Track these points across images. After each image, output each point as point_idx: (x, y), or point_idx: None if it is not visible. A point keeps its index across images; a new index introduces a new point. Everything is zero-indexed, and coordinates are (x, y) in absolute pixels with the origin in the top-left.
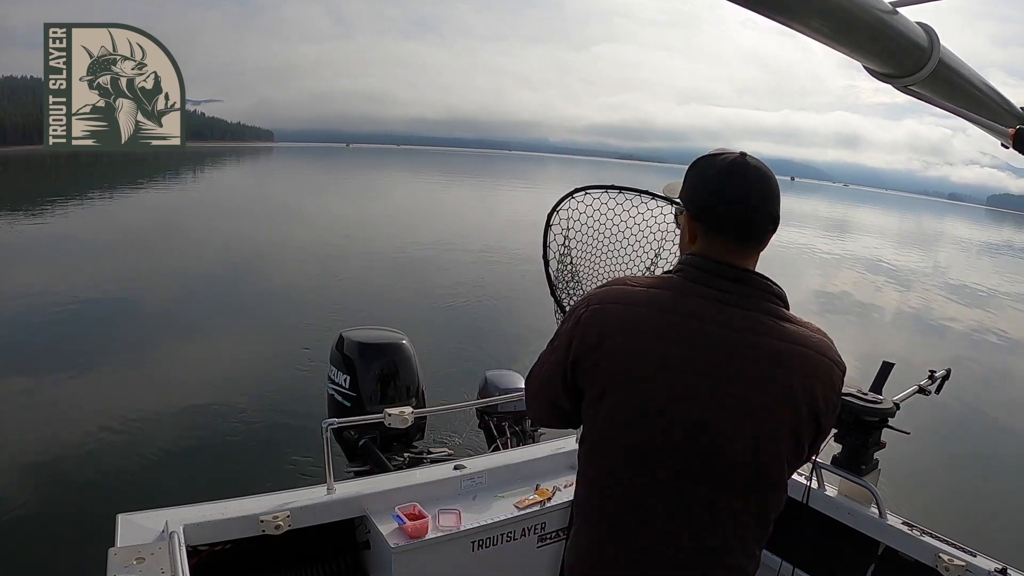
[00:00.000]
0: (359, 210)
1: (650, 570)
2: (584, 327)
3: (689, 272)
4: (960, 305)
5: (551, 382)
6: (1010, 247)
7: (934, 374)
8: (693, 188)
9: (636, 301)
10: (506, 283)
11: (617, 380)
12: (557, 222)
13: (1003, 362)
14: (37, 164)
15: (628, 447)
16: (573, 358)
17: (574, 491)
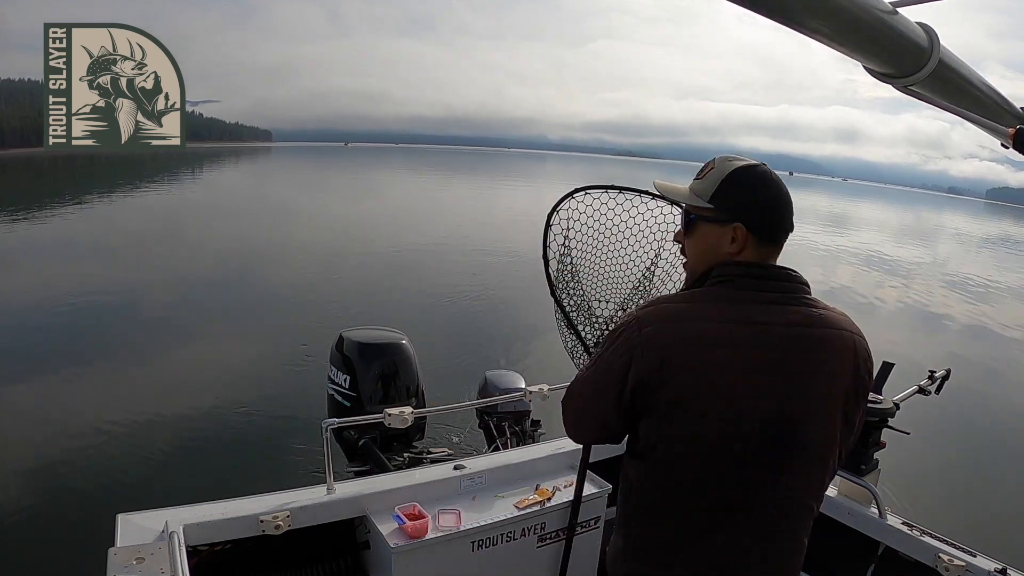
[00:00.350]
0: (359, 209)
1: (736, 562)
2: (642, 349)
3: (739, 281)
4: (960, 300)
5: (600, 403)
6: (1010, 241)
7: (934, 374)
8: (750, 202)
9: (691, 317)
10: (506, 282)
11: (689, 392)
12: (557, 222)
13: (1003, 361)
14: (35, 166)
15: (708, 451)
16: (635, 380)
17: (625, 500)
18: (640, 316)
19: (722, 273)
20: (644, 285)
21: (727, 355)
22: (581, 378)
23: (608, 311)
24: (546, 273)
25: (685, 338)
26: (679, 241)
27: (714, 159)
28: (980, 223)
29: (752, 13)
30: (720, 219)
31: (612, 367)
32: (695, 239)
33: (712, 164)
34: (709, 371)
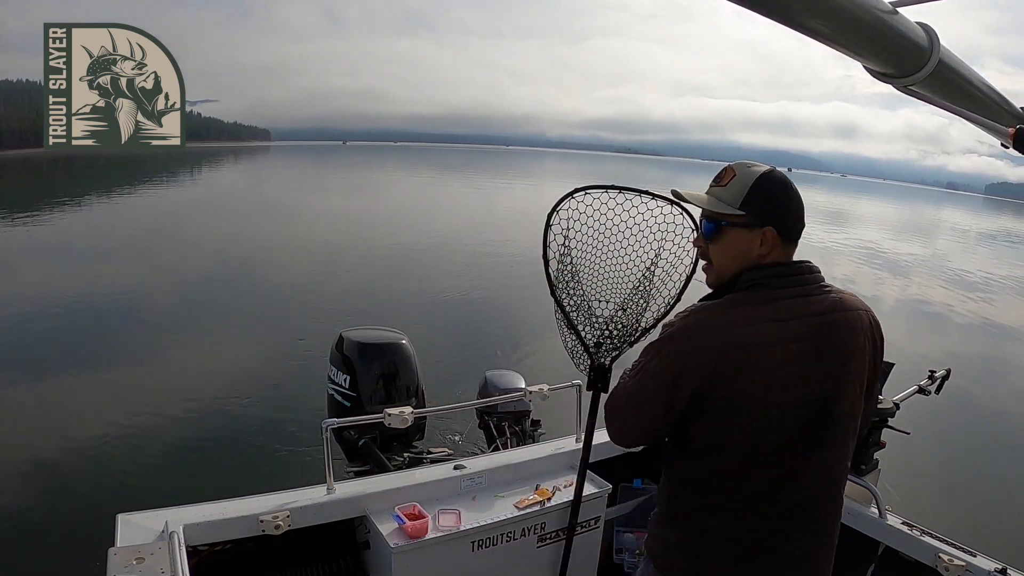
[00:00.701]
0: (358, 208)
1: (799, 524)
2: (695, 358)
3: (772, 281)
4: (960, 297)
5: (648, 411)
6: (1009, 236)
7: (934, 374)
8: (779, 207)
9: (736, 322)
10: (506, 282)
11: (743, 394)
12: (557, 222)
13: (1004, 360)
14: (34, 167)
15: (760, 442)
16: (690, 387)
17: (677, 496)
18: (687, 325)
19: (754, 277)
20: (644, 285)
21: (773, 353)
22: (626, 388)
23: (608, 311)
24: (546, 273)
25: (735, 344)
26: (699, 246)
27: (731, 166)
28: (979, 218)
29: (748, 13)
30: (750, 224)
31: (660, 377)
32: (723, 244)
33: (732, 171)
34: (759, 371)
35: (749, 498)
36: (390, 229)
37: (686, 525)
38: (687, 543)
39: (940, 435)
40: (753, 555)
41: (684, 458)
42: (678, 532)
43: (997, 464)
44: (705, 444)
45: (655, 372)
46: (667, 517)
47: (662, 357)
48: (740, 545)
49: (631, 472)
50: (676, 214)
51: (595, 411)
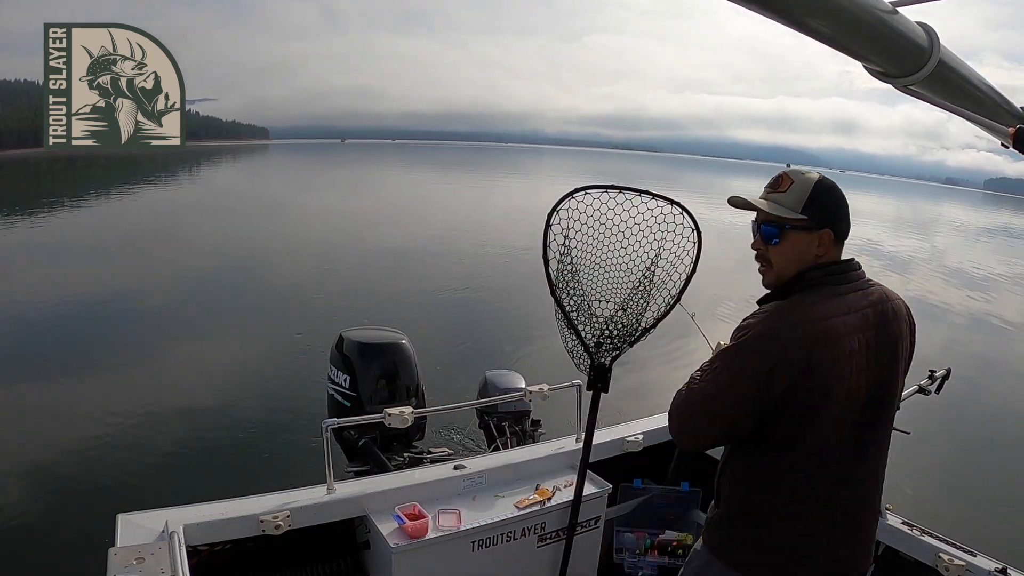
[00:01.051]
0: (358, 207)
1: (853, 504)
2: (786, 355)
3: (833, 279)
4: (961, 294)
5: (731, 411)
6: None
7: (934, 374)
8: (835, 211)
9: (817, 317)
10: (506, 281)
11: (831, 384)
12: (557, 222)
13: (1004, 359)
14: (32, 167)
15: (842, 429)
16: (783, 384)
17: (754, 489)
18: (772, 324)
19: (817, 275)
20: (644, 285)
21: (849, 344)
22: (703, 391)
23: (608, 311)
24: (546, 273)
25: (820, 337)
26: (758, 249)
27: (786, 173)
28: (979, 214)
29: (745, 10)
30: (810, 227)
31: (749, 377)
32: (785, 247)
33: (790, 178)
34: (841, 362)
35: (822, 485)
36: (389, 228)
37: (761, 520)
38: (760, 541)
39: (940, 435)
40: (823, 541)
41: (760, 452)
42: (752, 528)
43: (997, 464)
44: (788, 437)
45: (740, 373)
46: (739, 514)
47: (749, 357)
48: (815, 533)
49: (631, 472)
50: (676, 214)
51: (595, 411)
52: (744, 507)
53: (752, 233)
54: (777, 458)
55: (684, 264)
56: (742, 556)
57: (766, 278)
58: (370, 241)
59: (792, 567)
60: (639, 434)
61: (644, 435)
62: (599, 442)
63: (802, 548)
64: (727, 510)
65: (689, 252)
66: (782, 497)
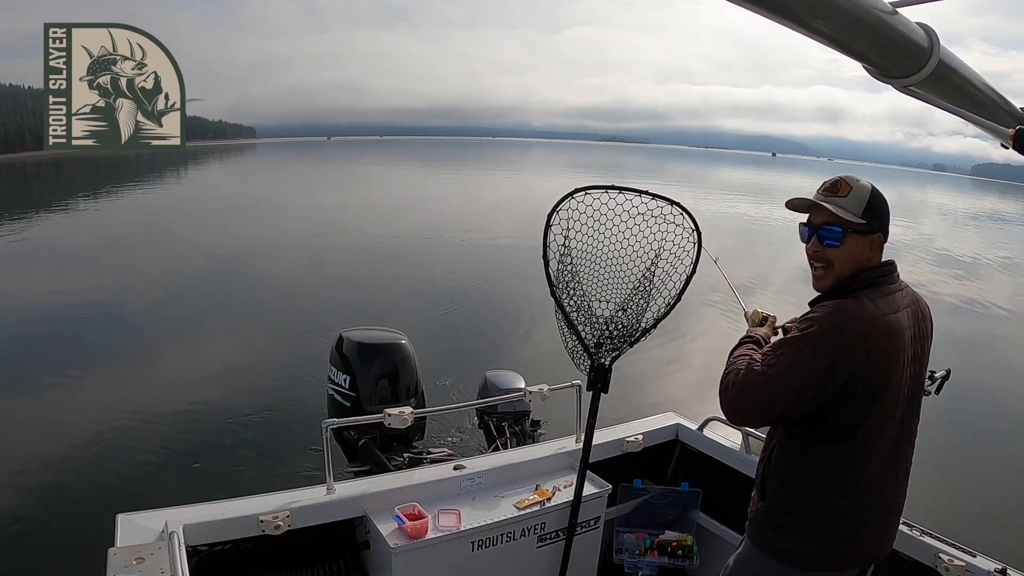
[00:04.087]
0: (352, 206)
1: (890, 490)
2: (848, 348)
3: (883, 279)
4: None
5: (790, 398)
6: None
7: (934, 374)
8: (886, 216)
9: (874, 314)
10: (505, 281)
11: (887, 377)
12: (557, 222)
13: (1004, 359)
14: (19, 171)
15: (893, 418)
16: (846, 375)
17: (811, 480)
18: (836, 319)
19: (871, 276)
20: (644, 285)
21: (901, 340)
22: (763, 375)
23: (608, 311)
24: (546, 273)
25: (878, 333)
26: (816, 251)
27: (843, 179)
28: (968, 199)
29: (750, 11)
30: (865, 231)
31: (811, 368)
32: (846, 249)
33: (847, 184)
34: (896, 357)
35: (871, 475)
36: (384, 226)
37: (813, 511)
38: (810, 530)
39: (940, 435)
40: (871, 530)
41: (817, 442)
42: (805, 519)
43: (997, 464)
44: (844, 427)
45: (805, 362)
46: (790, 504)
47: (815, 347)
48: (864, 523)
49: (631, 472)
50: (676, 214)
51: (595, 411)
52: (796, 497)
53: (803, 236)
54: (832, 448)
55: (684, 264)
56: (796, 548)
57: (824, 280)
58: (366, 240)
59: (845, 556)
60: (639, 434)
61: (644, 435)
62: (599, 442)
63: (854, 538)
64: (776, 501)
65: (689, 252)
66: (835, 486)
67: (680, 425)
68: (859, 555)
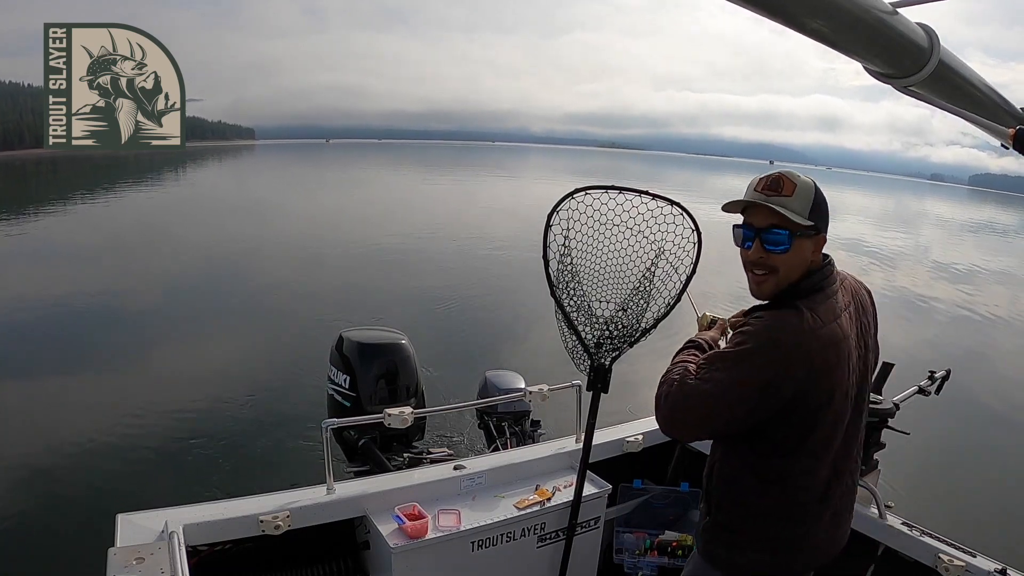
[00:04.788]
0: (351, 208)
1: (838, 491)
2: (788, 363)
3: (825, 282)
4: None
5: (726, 413)
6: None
7: (934, 374)
8: (827, 214)
9: (816, 325)
10: (505, 281)
11: (832, 388)
12: (557, 222)
13: (1003, 359)
14: (17, 170)
15: (840, 426)
16: (788, 390)
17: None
18: (773, 335)
19: (814, 281)
20: (644, 285)
21: (844, 346)
22: (698, 390)
23: (608, 311)
24: (546, 273)
25: (821, 345)
26: (759, 258)
27: (785, 175)
28: (966, 209)
29: (731, 6)
30: (812, 233)
31: (746, 385)
32: (793, 254)
33: (791, 181)
34: (839, 365)
35: (820, 482)
36: (387, 228)
37: (762, 522)
38: (758, 543)
39: (940, 435)
40: (820, 534)
41: (759, 456)
42: (753, 530)
43: (997, 464)
44: (789, 441)
45: (739, 380)
46: (737, 518)
47: (749, 366)
48: (813, 530)
49: (631, 472)
50: (676, 214)
51: (595, 411)
52: (742, 510)
53: (739, 240)
54: (777, 461)
55: (684, 265)
56: (743, 559)
57: (764, 287)
58: (366, 241)
59: (793, 563)
60: (639, 434)
61: (644, 435)
62: (599, 442)
63: (802, 543)
64: (722, 517)
65: (689, 253)
66: (783, 499)
67: None
68: (812, 561)
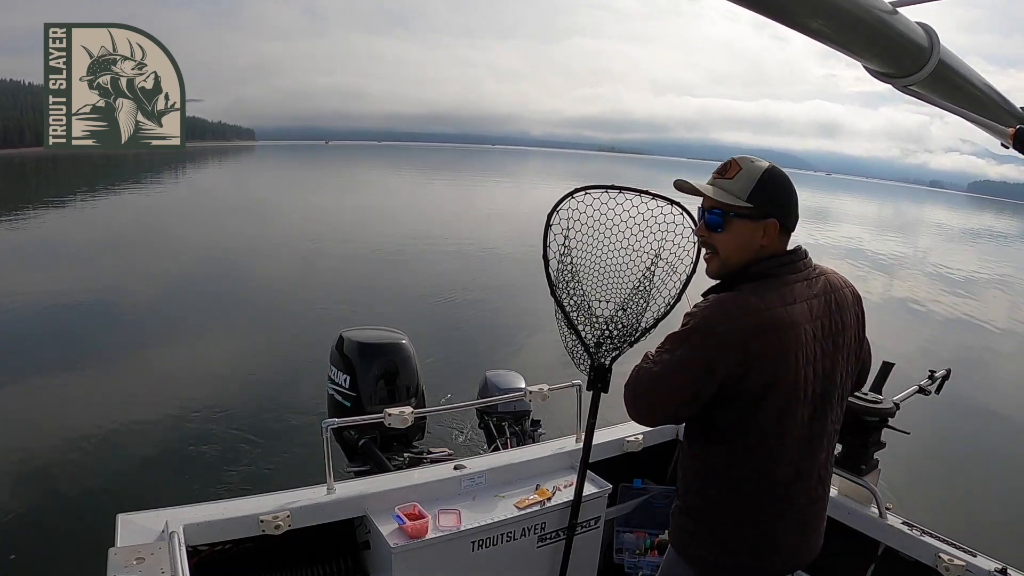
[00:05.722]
0: (351, 209)
1: (803, 496)
2: (722, 347)
3: (780, 269)
4: (956, 296)
5: (674, 396)
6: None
7: (934, 374)
8: (782, 201)
9: (759, 307)
10: (505, 281)
11: (772, 377)
12: (557, 222)
13: (1003, 359)
14: (16, 168)
15: (788, 419)
16: (721, 374)
17: (706, 485)
18: (709, 316)
19: (765, 267)
20: (644, 285)
21: (794, 335)
22: (650, 372)
23: (608, 311)
24: (546, 273)
25: (761, 328)
26: (701, 236)
27: (735, 160)
28: (965, 216)
29: (732, 11)
30: (754, 216)
31: (687, 365)
32: (730, 235)
33: (738, 165)
34: (784, 353)
35: (775, 480)
36: (387, 230)
37: (713, 516)
38: (715, 534)
39: (940, 435)
40: (783, 539)
41: (711, 444)
42: (705, 524)
43: (997, 464)
44: (732, 428)
45: (681, 361)
46: (697, 507)
47: (689, 348)
48: (769, 529)
49: (631, 472)
50: (676, 214)
51: (595, 411)
52: (702, 501)
53: (695, 220)
54: (726, 450)
55: (684, 264)
56: (703, 552)
57: (710, 266)
58: (366, 242)
59: (755, 567)
60: (639, 434)
61: (644, 435)
62: (599, 442)
63: (763, 548)
64: (686, 502)
65: (689, 252)
66: (737, 491)
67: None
68: (773, 567)
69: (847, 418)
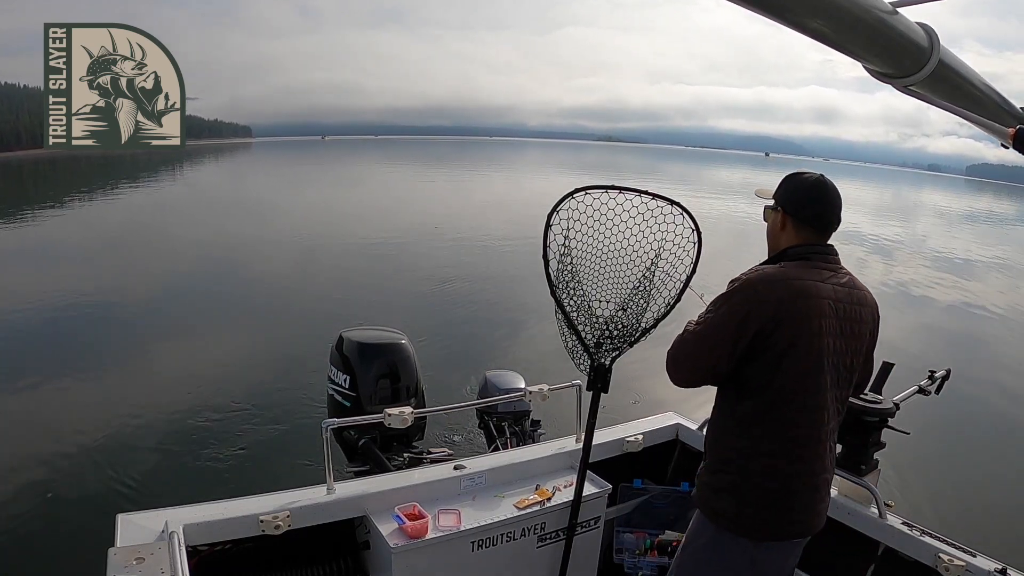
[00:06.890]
0: (349, 205)
1: (816, 462)
2: (758, 304)
3: (809, 255)
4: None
5: (716, 349)
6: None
7: (934, 374)
8: (789, 194)
9: (790, 276)
10: (505, 281)
11: (797, 336)
12: (557, 222)
13: (1003, 359)
14: (15, 170)
15: (809, 381)
16: (754, 330)
17: (737, 436)
18: (750, 279)
19: (802, 251)
20: (644, 285)
21: (818, 305)
22: (695, 332)
23: (608, 311)
24: (546, 273)
25: (792, 293)
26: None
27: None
28: (964, 199)
29: (750, 11)
30: (774, 208)
31: (727, 322)
32: (769, 224)
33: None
34: (809, 317)
35: (794, 441)
36: (385, 226)
37: (735, 469)
38: (735, 487)
39: (940, 435)
40: (790, 496)
41: (740, 399)
42: (727, 476)
43: (997, 464)
44: (760, 383)
45: (723, 317)
46: (718, 460)
47: (730, 305)
48: (782, 487)
49: (631, 472)
50: (676, 214)
51: (595, 411)
52: (724, 454)
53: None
54: (752, 404)
55: (684, 264)
56: (723, 505)
57: None
58: (365, 239)
59: (769, 522)
60: (639, 434)
61: (644, 435)
62: (599, 442)
63: (780, 504)
64: (710, 460)
65: (689, 252)
66: (758, 446)
67: (680, 425)
68: (784, 525)
69: (847, 418)
